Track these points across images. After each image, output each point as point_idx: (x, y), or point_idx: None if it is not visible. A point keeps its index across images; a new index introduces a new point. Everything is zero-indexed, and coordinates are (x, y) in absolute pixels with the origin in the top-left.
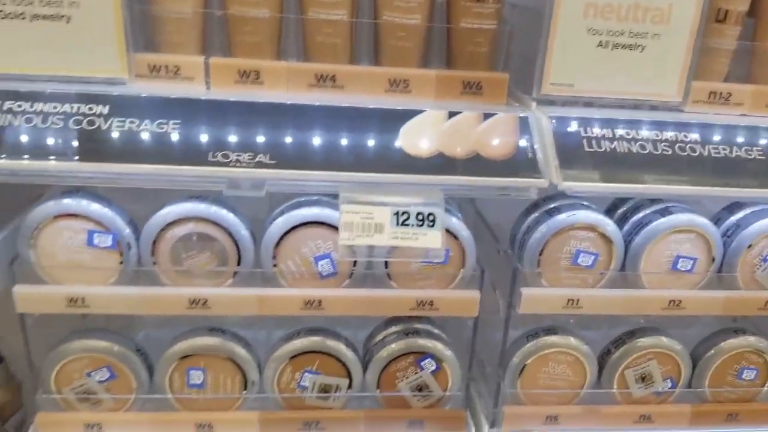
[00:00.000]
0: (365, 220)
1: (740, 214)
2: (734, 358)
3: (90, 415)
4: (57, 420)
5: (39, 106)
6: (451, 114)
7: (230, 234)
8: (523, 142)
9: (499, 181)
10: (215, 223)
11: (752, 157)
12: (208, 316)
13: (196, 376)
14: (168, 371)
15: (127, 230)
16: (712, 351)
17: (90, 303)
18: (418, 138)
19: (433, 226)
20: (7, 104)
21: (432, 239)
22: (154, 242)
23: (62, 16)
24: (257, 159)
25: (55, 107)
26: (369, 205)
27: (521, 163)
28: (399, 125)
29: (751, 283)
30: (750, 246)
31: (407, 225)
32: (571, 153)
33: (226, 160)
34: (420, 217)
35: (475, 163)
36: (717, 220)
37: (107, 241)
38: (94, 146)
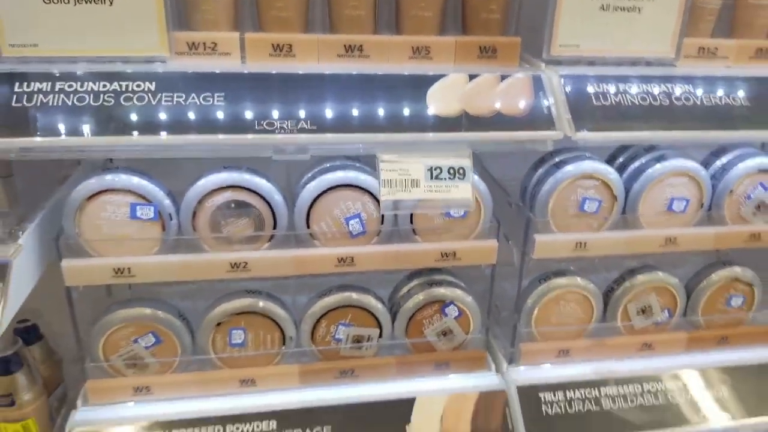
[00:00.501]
0: (402, 177)
1: (725, 159)
2: (724, 287)
3: (138, 379)
4: (106, 386)
5: (89, 86)
6: (471, 77)
7: (265, 200)
8: (538, 99)
9: (519, 135)
10: (251, 191)
11: (738, 104)
12: (240, 280)
13: (238, 336)
14: (211, 332)
15: (167, 201)
16: (704, 282)
17: (136, 272)
18: (443, 99)
19: (463, 178)
20: (59, 85)
21: (463, 191)
22: (194, 212)
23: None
24: (299, 125)
25: (104, 86)
26: (405, 162)
27: (537, 118)
28: (425, 89)
29: (737, 219)
30: (731, 191)
31: (440, 179)
32: (581, 107)
33: (272, 128)
34: (451, 171)
35: (497, 120)
36: (705, 165)
37: (150, 213)
38: (146, 121)
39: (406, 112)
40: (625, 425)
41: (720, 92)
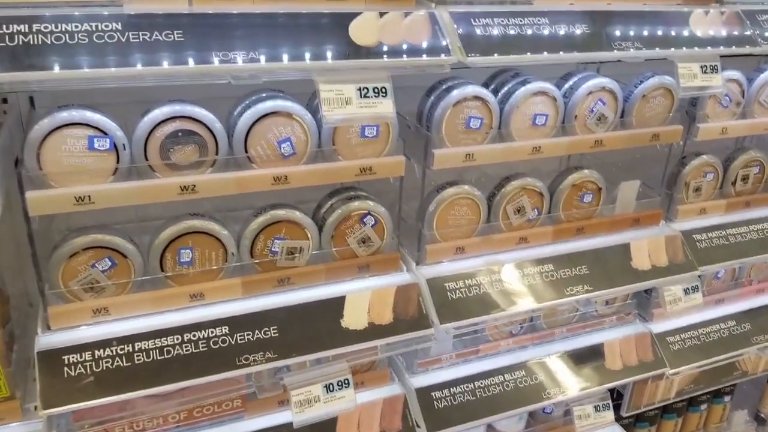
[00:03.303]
0: (338, 96)
1: (571, 81)
2: (577, 187)
3: (96, 302)
4: (66, 311)
5: (63, 26)
6: (382, 14)
7: (208, 129)
8: (434, 32)
9: (424, 60)
10: (195, 120)
11: (581, 32)
12: (193, 201)
13: (186, 255)
14: (160, 253)
15: (120, 133)
16: (563, 184)
17: (95, 199)
18: (363, 33)
19: (386, 96)
20: (35, 26)
21: (386, 106)
22: (145, 141)
23: None
24: (250, 56)
25: (77, 26)
26: (339, 84)
27: (436, 47)
28: (347, 24)
29: (584, 129)
30: (579, 106)
31: (368, 97)
32: (468, 37)
33: (227, 59)
34: (376, 90)
35: (406, 49)
36: (557, 87)
37: (105, 144)
38: (122, 56)
39: (335, 43)
40: (510, 302)
41: (568, 23)
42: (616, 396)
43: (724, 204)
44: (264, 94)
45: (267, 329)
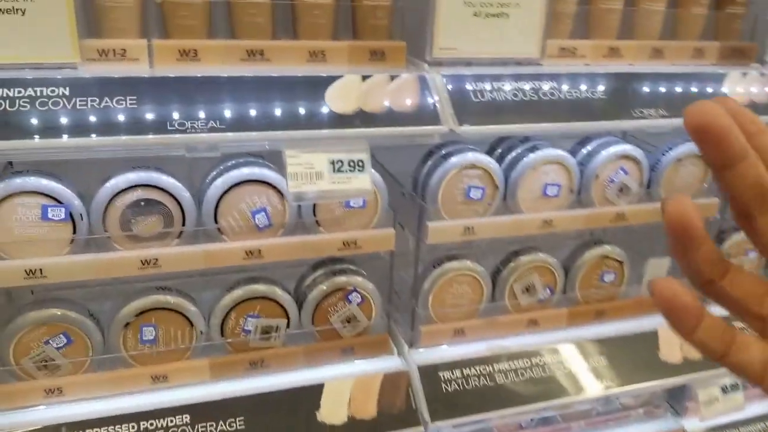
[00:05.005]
0: (307, 170)
1: (590, 147)
2: (597, 264)
3: (50, 381)
4: (16, 390)
5: (3, 92)
6: (364, 77)
7: (174, 197)
8: (424, 97)
9: (409, 129)
10: (160, 189)
11: (597, 97)
12: (151, 278)
13: (149, 332)
14: (121, 330)
15: (77, 201)
16: (579, 260)
17: (47, 273)
18: (341, 98)
19: (362, 170)
20: None
21: (362, 181)
22: (104, 211)
23: (17, 9)
24: (209, 125)
25: (19, 92)
26: (309, 156)
27: (425, 114)
28: (323, 89)
29: (603, 201)
30: (597, 175)
31: (342, 171)
32: (462, 103)
33: (183, 128)
34: (351, 163)
35: (389, 116)
36: (572, 153)
37: (61, 213)
38: (64, 124)
39: (308, 110)
40: (515, 398)
41: (581, 87)
42: None
43: None
44: (241, 160)
45: (232, 420)
